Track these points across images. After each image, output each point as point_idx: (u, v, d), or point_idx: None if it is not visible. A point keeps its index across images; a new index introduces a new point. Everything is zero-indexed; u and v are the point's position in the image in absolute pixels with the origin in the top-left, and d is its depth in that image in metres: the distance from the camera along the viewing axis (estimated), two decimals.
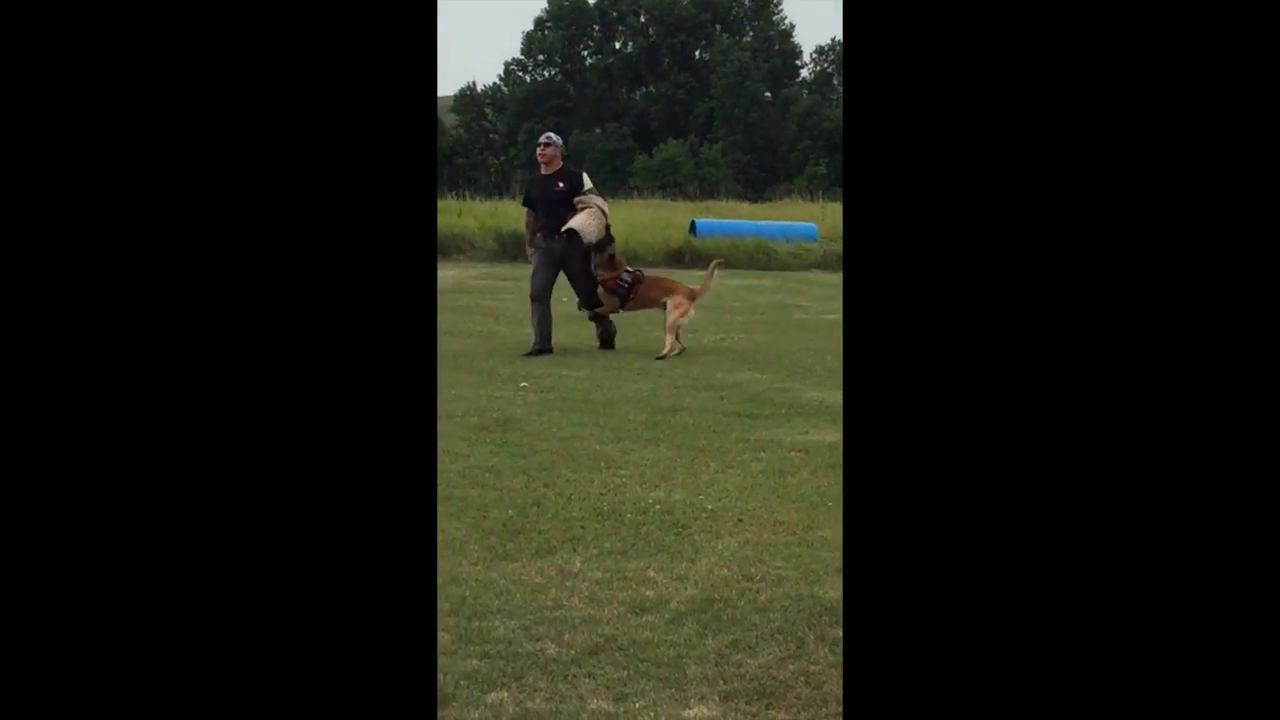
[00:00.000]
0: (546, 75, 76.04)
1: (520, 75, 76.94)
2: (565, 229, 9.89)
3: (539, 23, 76.20)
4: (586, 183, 10.18)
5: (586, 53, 75.99)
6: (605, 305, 10.25)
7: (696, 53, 74.64)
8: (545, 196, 10.14)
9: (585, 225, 9.91)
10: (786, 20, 78.51)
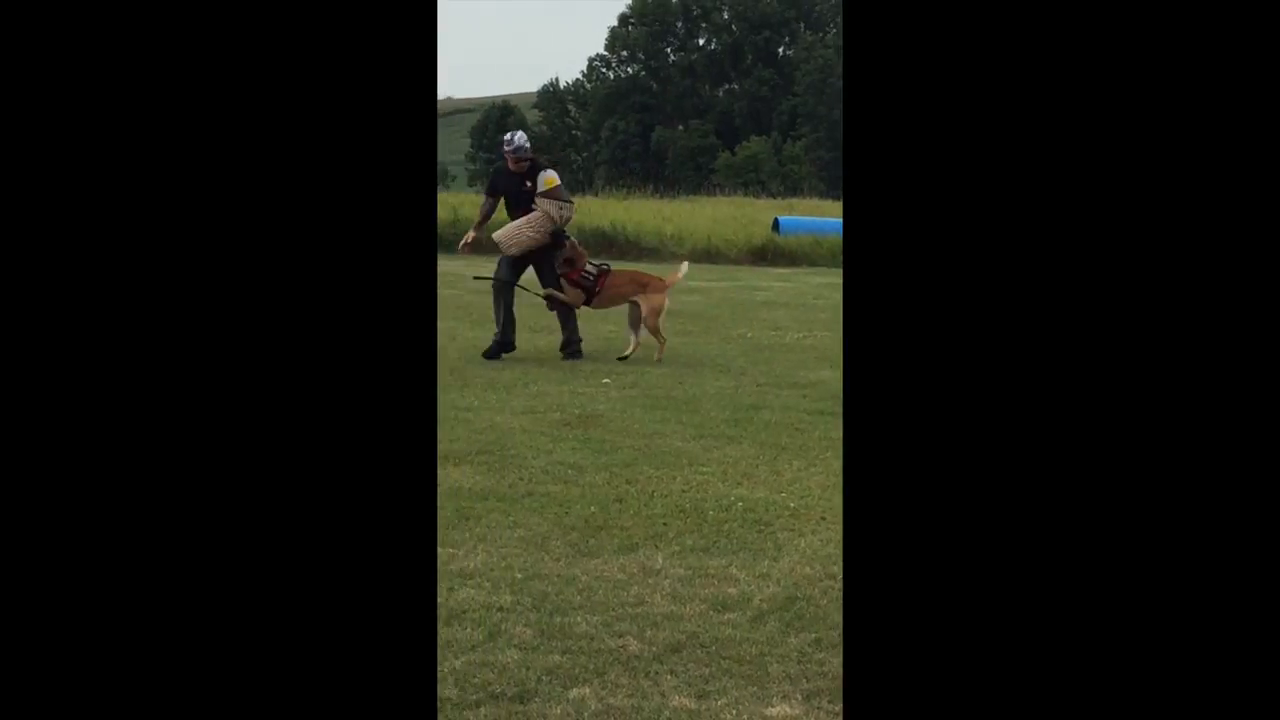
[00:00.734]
0: (630, 71, 76.20)
1: (604, 71, 77.19)
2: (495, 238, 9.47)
3: (623, 19, 76.41)
4: (542, 183, 9.43)
5: (670, 49, 76.04)
6: (570, 298, 9.51)
7: (780, 49, 74.41)
8: (513, 192, 9.62)
9: (506, 236, 9.35)
10: None
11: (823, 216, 27.50)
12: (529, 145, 9.70)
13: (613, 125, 72.96)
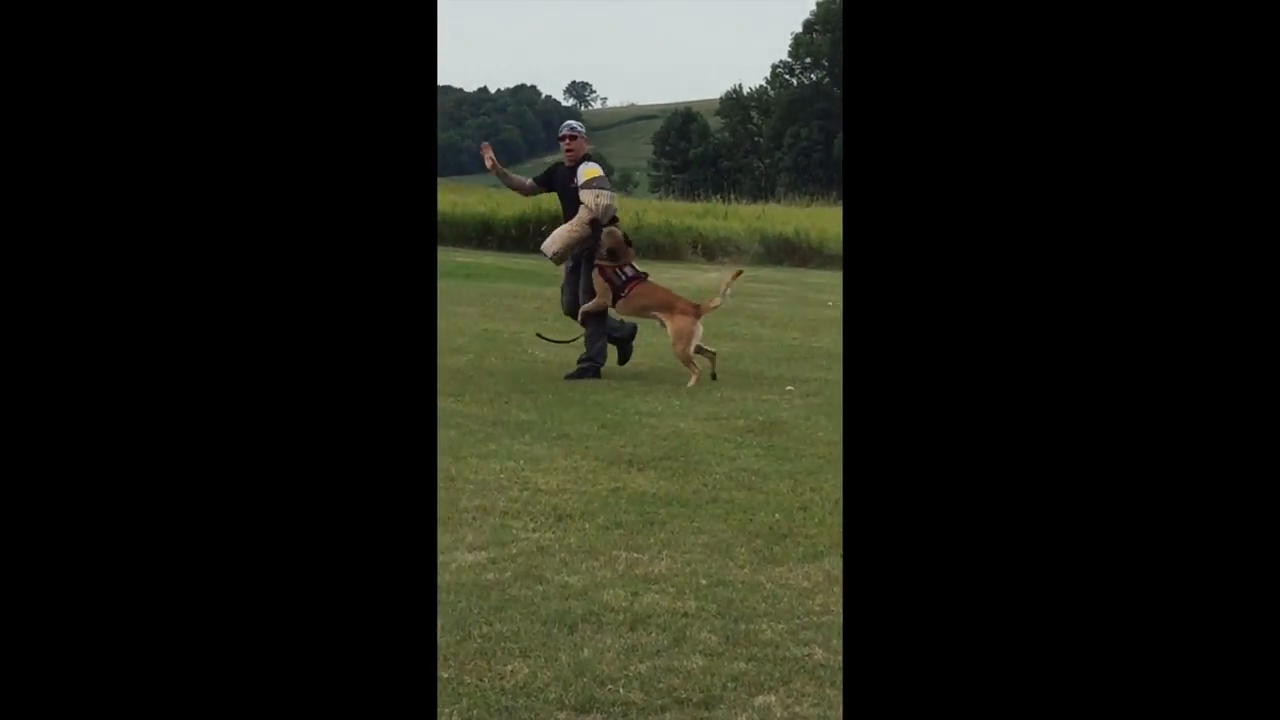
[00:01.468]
0: (813, 78, 75.75)
1: (787, 78, 76.92)
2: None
3: (808, 25, 76.02)
4: (582, 175, 8.75)
5: None
6: (598, 292, 8.72)
7: None
8: (565, 188, 8.99)
9: (552, 241, 8.76)
10: None
11: None
12: (581, 129, 9.14)
13: (795, 132, 72.59)
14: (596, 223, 8.65)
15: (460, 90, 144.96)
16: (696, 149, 77.46)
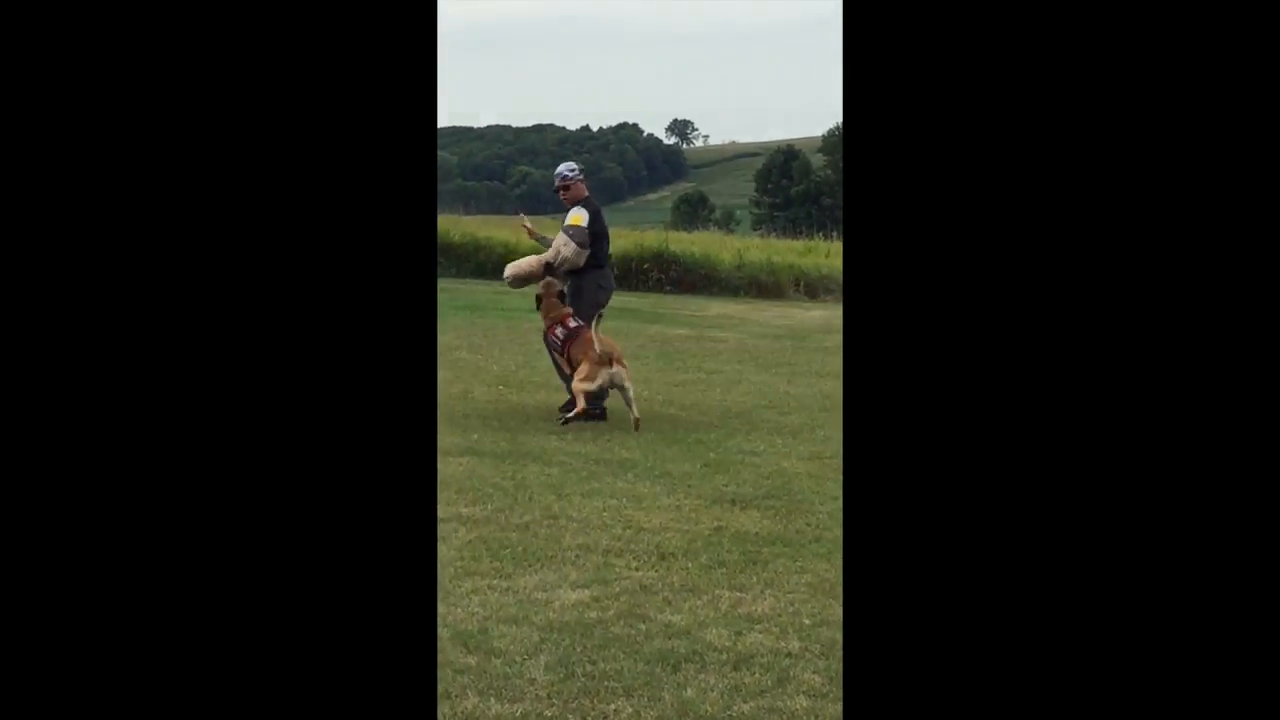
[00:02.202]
0: None
1: None
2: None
3: None
4: (567, 219, 8.53)
5: None
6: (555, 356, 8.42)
7: None
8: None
9: (513, 267, 8.70)
10: None
11: None
12: (574, 173, 8.80)
13: None
14: (550, 266, 8.46)
15: (563, 129, 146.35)
16: (798, 186, 77.28)
